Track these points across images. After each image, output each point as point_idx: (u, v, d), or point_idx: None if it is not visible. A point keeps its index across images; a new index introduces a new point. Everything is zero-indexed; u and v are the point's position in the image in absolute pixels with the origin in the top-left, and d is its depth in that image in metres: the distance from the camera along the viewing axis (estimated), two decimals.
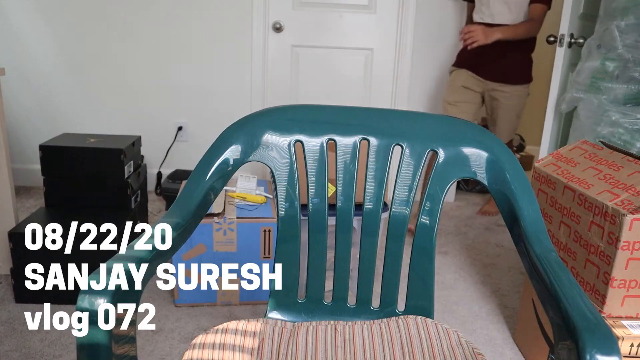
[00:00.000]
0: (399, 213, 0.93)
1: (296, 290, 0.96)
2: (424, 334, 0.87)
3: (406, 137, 0.93)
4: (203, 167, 0.89)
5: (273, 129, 0.92)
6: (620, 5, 1.81)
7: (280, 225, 0.93)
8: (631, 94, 1.82)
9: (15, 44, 2.73)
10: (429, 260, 0.93)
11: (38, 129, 2.87)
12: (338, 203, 0.94)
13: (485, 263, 2.26)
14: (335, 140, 0.93)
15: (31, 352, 1.47)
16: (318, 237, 0.94)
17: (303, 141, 0.93)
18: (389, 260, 0.94)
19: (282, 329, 0.89)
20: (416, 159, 0.92)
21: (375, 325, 0.91)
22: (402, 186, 0.93)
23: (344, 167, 0.93)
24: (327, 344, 0.85)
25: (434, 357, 0.82)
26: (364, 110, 0.96)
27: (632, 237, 1.13)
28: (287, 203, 0.93)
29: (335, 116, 0.94)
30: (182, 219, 0.81)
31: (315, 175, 0.93)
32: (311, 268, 0.95)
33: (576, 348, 0.57)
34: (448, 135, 0.92)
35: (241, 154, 0.91)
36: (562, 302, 0.64)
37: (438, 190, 0.91)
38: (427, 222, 0.92)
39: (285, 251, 0.94)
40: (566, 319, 0.62)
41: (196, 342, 0.80)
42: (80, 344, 0.58)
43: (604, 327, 0.59)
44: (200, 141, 2.96)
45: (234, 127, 0.93)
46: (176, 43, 2.80)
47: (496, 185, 0.89)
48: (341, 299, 0.97)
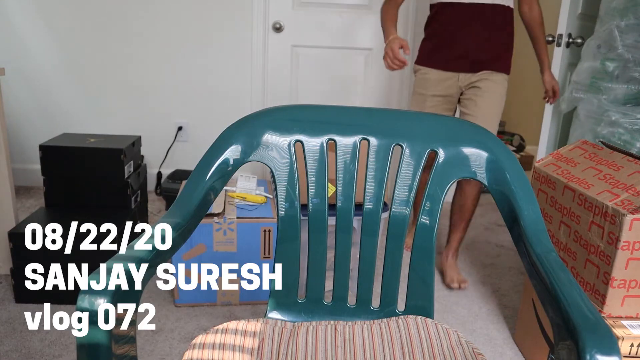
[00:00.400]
0: (399, 213, 0.93)
1: (296, 290, 0.96)
2: (424, 334, 0.87)
3: (406, 137, 0.93)
4: (203, 167, 0.89)
5: (273, 129, 0.92)
6: (620, 5, 1.81)
7: (280, 225, 0.93)
8: (631, 94, 1.82)
9: (15, 44, 2.73)
10: (429, 261, 0.93)
11: (38, 129, 2.87)
12: (338, 203, 0.94)
13: (485, 263, 2.26)
14: (335, 140, 0.93)
15: (31, 352, 1.47)
16: (318, 237, 0.94)
17: (303, 141, 0.93)
18: (389, 260, 0.94)
19: (282, 329, 0.89)
20: (416, 159, 0.92)
21: (375, 325, 0.91)
22: (402, 186, 0.93)
23: (344, 167, 0.93)
24: (327, 344, 0.85)
25: (434, 357, 0.82)
26: (364, 110, 0.96)
27: (632, 237, 1.13)
28: (287, 203, 0.93)
29: (335, 116, 0.94)
30: (182, 219, 0.81)
31: (315, 175, 0.93)
32: (311, 268, 0.95)
33: (576, 348, 0.57)
34: (448, 135, 0.92)
35: (241, 154, 0.91)
36: (562, 302, 0.64)
37: (438, 190, 0.91)
38: (427, 222, 0.92)
39: (285, 251, 0.94)
40: (566, 319, 0.62)
41: (196, 342, 0.80)
42: (80, 344, 0.58)
43: (604, 327, 0.59)
44: (200, 141, 2.96)
45: (234, 127, 0.93)
46: (176, 43, 2.80)
47: (496, 185, 0.89)
48: (341, 299, 0.97)
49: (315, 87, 2.95)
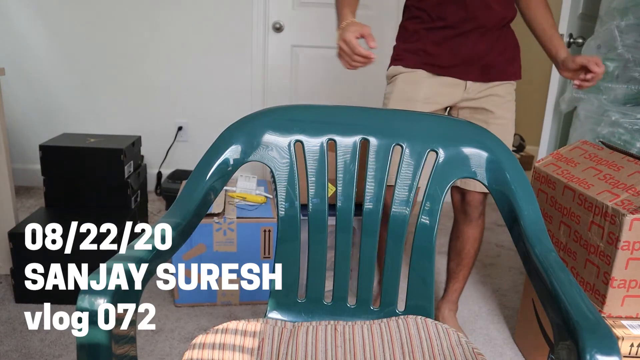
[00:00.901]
0: (399, 213, 0.93)
1: (296, 290, 0.96)
2: (424, 334, 0.87)
3: (406, 137, 0.93)
4: (203, 167, 0.89)
5: (273, 129, 0.92)
6: (620, 5, 1.81)
7: (280, 225, 0.93)
8: (631, 94, 1.82)
9: (15, 44, 2.73)
10: (429, 260, 0.93)
11: (38, 129, 2.87)
12: (338, 203, 0.94)
13: (485, 263, 2.26)
14: (335, 140, 0.93)
15: (31, 352, 1.47)
16: (318, 237, 0.94)
17: (303, 141, 0.93)
18: (389, 260, 0.94)
19: (282, 329, 0.89)
20: (416, 159, 0.92)
21: (375, 325, 0.91)
22: (402, 186, 0.93)
23: (344, 167, 0.93)
24: (327, 344, 0.85)
25: (434, 357, 0.82)
26: (364, 110, 0.96)
27: (632, 237, 1.13)
28: (287, 203, 0.93)
29: (335, 116, 0.94)
30: (182, 218, 0.81)
31: (315, 175, 0.93)
32: (311, 268, 0.96)
33: (576, 348, 0.57)
34: (448, 135, 0.92)
35: (241, 154, 0.91)
36: (562, 302, 0.64)
37: (438, 190, 0.91)
38: (427, 222, 0.92)
39: (285, 251, 0.94)
40: (566, 319, 0.62)
41: (196, 342, 0.80)
42: (80, 344, 0.58)
43: (604, 327, 0.59)
44: (200, 141, 2.96)
45: (234, 127, 0.93)
46: (176, 43, 2.80)
47: (496, 185, 0.89)
48: (341, 299, 0.97)
49: (315, 87, 2.95)
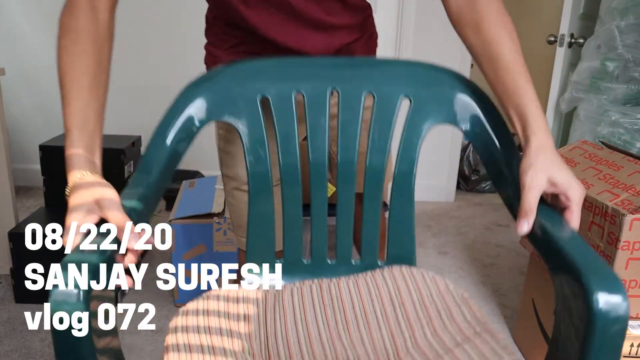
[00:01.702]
0: (375, 162, 0.89)
1: (273, 252, 0.93)
2: (412, 284, 0.84)
3: (377, 84, 0.88)
4: (164, 127, 0.83)
5: (237, 83, 0.87)
6: (620, 5, 1.81)
7: (251, 184, 0.88)
8: (631, 94, 1.82)
9: (15, 44, 2.73)
10: (409, 204, 0.89)
11: (38, 129, 2.86)
12: (310, 158, 0.89)
13: (485, 263, 2.26)
14: (304, 93, 0.88)
15: (31, 352, 1.47)
16: (291, 192, 0.89)
17: (270, 95, 0.87)
18: (367, 211, 0.91)
19: (266, 293, 0.86)
20: (390, 106, 0.88)
21: (361, 279, 0.88)
22: (377, 135, 0.89)
23: (315, 120, 0.89)
24: (314, 304, 0.83)
25: (425, 306, 0.79)
26: (332, 59, 0.92)
27: (632, 237, 1.13)
28: (256, 161, 0.88)
29: (303, 68, 0.90)
30: (146, 187, 0.78)
31: (285, 130, 0.88)
32: (287, 226, 0.91)
33: (581, 289, 0.57)
34: (422, 81, 0.88)
35: (206, 112, 0.86)
36: (559, 243, 0.64)
37: (413, 137, 0.87)
38: (404, 168, 0.88)
39: (258, 213, 0.90)
40: (564, 258, 0.61)
41: (180, 311, 0.78)
42: (59, 343, 0.57)
43: (604, 266, 0.59)
44: (200, 141, 2.95)
45: (196, 82, 0.88)
46: (176, 42, 2.80)
47: (473, 130, 0.86)
48: (320, 258, 0.93)
49: None
